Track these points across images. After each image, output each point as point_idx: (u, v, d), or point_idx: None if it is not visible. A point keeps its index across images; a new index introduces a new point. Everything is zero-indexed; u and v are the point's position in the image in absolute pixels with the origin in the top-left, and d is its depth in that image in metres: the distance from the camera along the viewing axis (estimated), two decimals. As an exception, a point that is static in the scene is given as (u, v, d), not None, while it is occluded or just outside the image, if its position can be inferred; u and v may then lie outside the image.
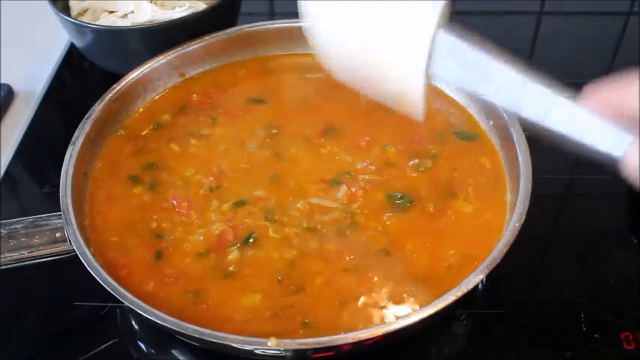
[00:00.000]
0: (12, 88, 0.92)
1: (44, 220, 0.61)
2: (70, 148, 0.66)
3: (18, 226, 0.60)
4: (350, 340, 0.50)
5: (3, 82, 0.92)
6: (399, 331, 0.52)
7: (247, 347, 0.51)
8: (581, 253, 0.71)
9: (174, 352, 0.63)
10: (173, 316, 0.52)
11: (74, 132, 0.68)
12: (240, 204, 0.65)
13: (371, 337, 0.51)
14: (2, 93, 0.90)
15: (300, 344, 0.50)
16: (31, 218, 0.61)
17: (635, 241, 0.72)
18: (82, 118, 0.70)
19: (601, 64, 0.96)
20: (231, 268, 0.60)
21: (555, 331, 0.63)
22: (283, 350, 0.51)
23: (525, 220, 0.58)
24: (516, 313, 0.65)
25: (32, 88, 0.93)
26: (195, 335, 0.51)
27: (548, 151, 0.64)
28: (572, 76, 0.94)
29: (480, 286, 0.64)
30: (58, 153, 0.68)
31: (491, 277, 0.68)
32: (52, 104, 0.91)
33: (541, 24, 1.06)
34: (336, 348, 0.52)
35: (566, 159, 0.81)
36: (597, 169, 0.80)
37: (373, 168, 0.68)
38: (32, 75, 0.96)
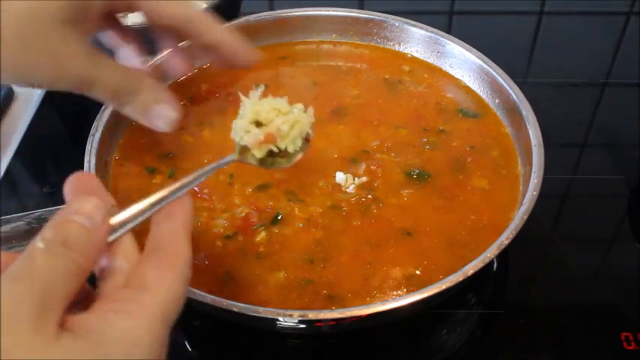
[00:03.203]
0: (12, 88, 0.92)
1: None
2: (90, 139, 0.67)
3: (48, 215, 0.60)
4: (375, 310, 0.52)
5: (3, 82, 0.92)
6: (431, 298, 0.53)
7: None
8: (580, 252, 0.71)
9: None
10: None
11: (75, 131, 0.69)
12: (262, 187, 0.66)
13: (394, 307, 0.52)
14: (2, 93, 0.90)
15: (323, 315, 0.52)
16: (55, 208, 0.61)
17: (635, 241, 0.72)
18: (82, 117, 0.70)
19: (601, 64, 0.96)
20: (260, 249, 0.61)
21: (555, 331, 0.63)
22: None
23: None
24: (516, 313, 0.65)
25: (32, 88, 0.93)
26: (235, 310, 0.52)
27: (548, 152, 0.64)
28: (572, 76, 0.95)
29: (493, 262, 0.65)
30: (58, 153, 0.68)
31: (491, 277, 0.68)
32: (52, 104, 0.91)
33: (541, 24, 1.06)
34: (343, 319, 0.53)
35: (566, 159, 0.82)
36: (598, 169, 0.81)
37: (389, 145, 0.70)
38: (32, 75, 0.96)
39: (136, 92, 0.55)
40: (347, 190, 0.65)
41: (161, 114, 0.58)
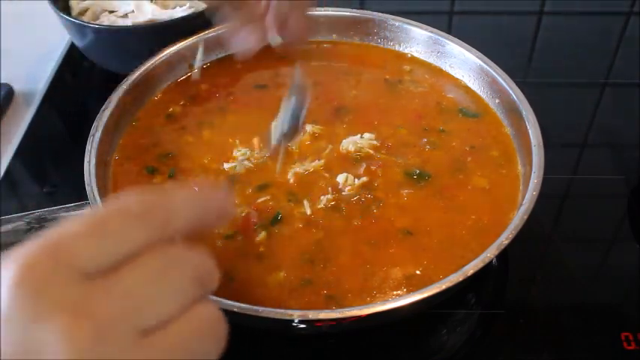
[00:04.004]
0: (12, 88, 0.92)
1: (64, 210, 0.61)
2: (90, 139, 0.67)
3: (48, 215, 0.60)
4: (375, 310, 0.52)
5: (3, 82, 0.92)
6: (431, 298, 0.53)
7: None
8: (580, 252, 0.71)
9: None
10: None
11: (75, 131, 0.69)
12: (262, 187, 0.66)
13: (394, 307, 0.52)
14: (2, 93, 0.90)
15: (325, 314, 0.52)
16: (55, 208, 0.61)
17: (635, 241, 0.72)
18: (82, 117, 0.70)
19: (601, 64, 0.96)
20: (260, 249, 0.61)
21: (555, 331, 0.63)
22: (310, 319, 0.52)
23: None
24: (516, 313, 0.65)
25: (32, 88, 0.93)
26: (235, 310, 0.52)
27: (548, 152, 0.64)
28: (572, 76, 0.95)
29: (493, 262, 0.65)
30: (58, 153, 0.68)
31: (491, 277, 0.68)
32: (52, 104, 0.91)
33: (541, 24, 1.06)
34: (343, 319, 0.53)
35: (566, 159, 0.82)
36: (598, 169, 0.81)
37: (389, 145, 0.70)
38: (32, 75, 0.96)
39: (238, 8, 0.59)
40: (346, 190, 0.65)
41: (239, 41, 0.62)
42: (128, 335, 0.28)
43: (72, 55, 0.98)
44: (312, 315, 0.52)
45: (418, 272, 0.59)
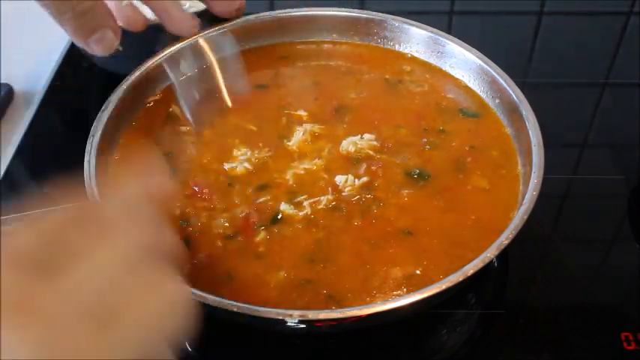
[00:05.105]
0: (12, 88, 0.92)
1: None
2: (90, 139, 0.67)
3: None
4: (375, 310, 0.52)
5: (3, 82, 0.92)
6: (431, 298, 0.53)
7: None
8: (580, 252, 0.71)
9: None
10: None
11: (75, 131, 0.68)
12: (263, 187, 0.66)
13: (393, 307, 0.53)
14: (2, 93, 0.90)
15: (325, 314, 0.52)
16: (54, 208, 0.61)
17: (635, 241, 0.72)
18: (83, 117, 0.70)
19: (601, 64, 0.96)
20: (260, 249, 0.61)
21: (555, 331, 0.63)
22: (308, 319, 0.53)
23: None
24: (516, 313, 0.65)
25: (32, 88, 0.93)
26: (235, 310, 0.52)
27: (548, 152, 0.64)
28: (572, 76, 0.95)
29: (493, 262, 0.65)
30: (58, 153, 0.67)
31: (491, 277, 0.68)
32: (52, 104, 0.91)
33: (541, 24, 1.06)
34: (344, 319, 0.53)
35: (566, 159, 0.82)
36: (598, 169, 0.81)
37: (389, 145, 0.70)
38: (32, 75, 0.96)
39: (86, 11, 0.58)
40: (346, 190, 0.65)
41: (100, 39, 0.61)
42: (83, 328, 0.27)
43: (72, 55, 0.98)
44: (312, 315, 0.52)
45: (418, 272, 0.59)
